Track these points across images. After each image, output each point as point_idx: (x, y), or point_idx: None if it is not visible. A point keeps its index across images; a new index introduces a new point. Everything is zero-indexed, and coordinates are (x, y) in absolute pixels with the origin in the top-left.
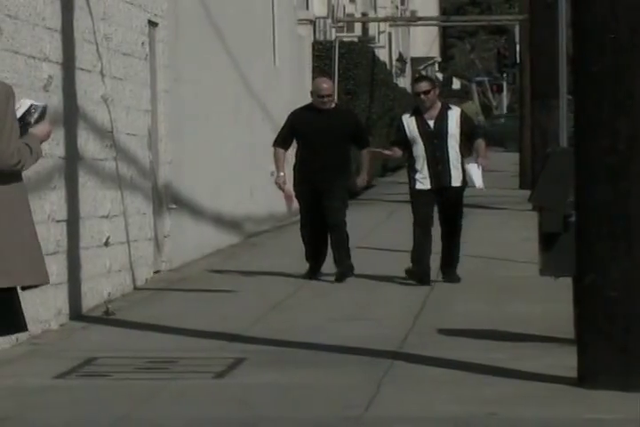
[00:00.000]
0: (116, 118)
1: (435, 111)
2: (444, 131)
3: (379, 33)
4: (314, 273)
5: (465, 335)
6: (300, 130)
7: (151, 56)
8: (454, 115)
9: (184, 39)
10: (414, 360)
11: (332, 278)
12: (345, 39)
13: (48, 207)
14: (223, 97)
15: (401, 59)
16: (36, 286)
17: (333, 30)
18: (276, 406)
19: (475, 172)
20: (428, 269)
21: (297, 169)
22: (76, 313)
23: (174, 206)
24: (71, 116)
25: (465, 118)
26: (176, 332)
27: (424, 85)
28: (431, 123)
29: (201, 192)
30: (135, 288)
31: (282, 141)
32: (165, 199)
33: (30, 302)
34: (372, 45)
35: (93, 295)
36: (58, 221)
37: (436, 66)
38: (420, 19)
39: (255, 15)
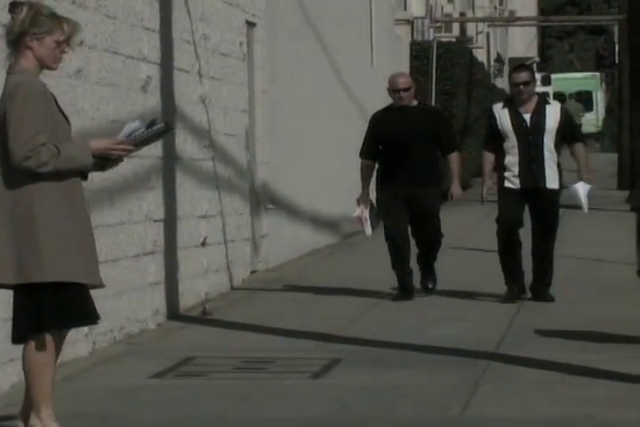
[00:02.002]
0: (214, 119)
1: (531, 105)
2: (541, 126)
3: (477, 33)
4: (405, 288)
5: (562, 336)
6: (381, 132)
7: (249, 56)
8: (553, 109)
9: (281, 39)
10: (511, 361)
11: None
12: (443, 39)
13: (145, 207)
14: (320, 97)
15: (499, 59)
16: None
17: (431, 30)
18: (373, 407)
19: (582, 192)
20: (522, 288)
21: (380, 175)
22: (174, 313)
23: (272, 206)
24: (169, 116)
25: (565, 114)
26: (273, 332)
27: (524, 76)
28: (527, 117)
29: (298, 192)
30: (232, 288)
31: (368, 150)
32: (263, 199)
33: (128, 302)
34: (469, 46)
35: (190, 295)
36: (155, 221)
37: (535, 66)
38: (519, 19)
39: (353, 15)
